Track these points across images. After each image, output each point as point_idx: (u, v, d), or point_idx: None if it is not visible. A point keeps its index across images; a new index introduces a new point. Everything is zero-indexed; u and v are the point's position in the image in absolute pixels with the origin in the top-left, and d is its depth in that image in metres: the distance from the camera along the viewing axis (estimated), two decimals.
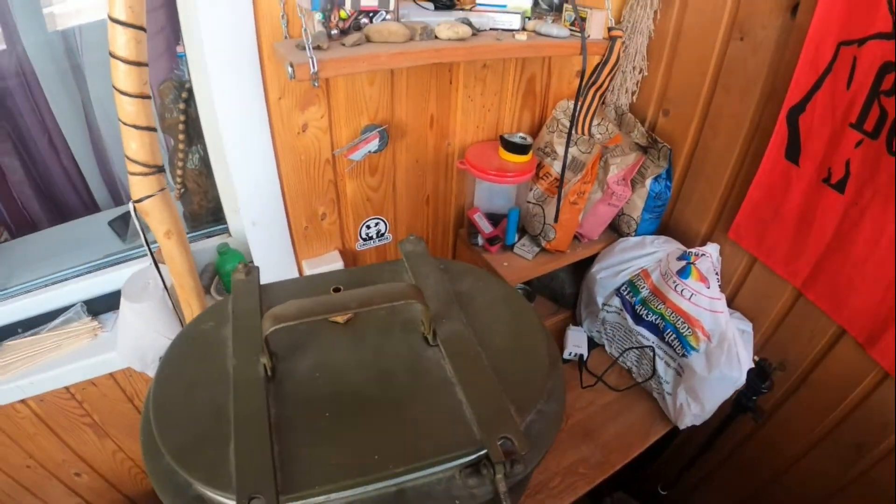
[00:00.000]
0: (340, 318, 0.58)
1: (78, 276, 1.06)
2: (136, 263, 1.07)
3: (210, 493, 0.46)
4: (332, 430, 0.49)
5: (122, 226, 1.17)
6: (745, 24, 0.89)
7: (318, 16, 0.74)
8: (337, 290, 0.60)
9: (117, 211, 1.21)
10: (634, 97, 1.06)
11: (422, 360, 0.55)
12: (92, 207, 1.36)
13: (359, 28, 0.76)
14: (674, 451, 1.18)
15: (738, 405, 0.80)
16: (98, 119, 1.25)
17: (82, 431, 1.12)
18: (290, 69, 0.66)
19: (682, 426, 0.99)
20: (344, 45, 0.72)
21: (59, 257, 1.12)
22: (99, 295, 1.06)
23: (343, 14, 0.75)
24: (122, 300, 0.93)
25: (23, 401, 1.03)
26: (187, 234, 0.90)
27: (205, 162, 1.07)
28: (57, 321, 1.04)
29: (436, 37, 0.76)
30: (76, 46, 1.23)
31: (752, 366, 0.86)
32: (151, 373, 1.01)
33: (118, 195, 1.35)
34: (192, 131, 1.03)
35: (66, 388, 1.04)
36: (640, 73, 1.03)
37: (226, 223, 1.05)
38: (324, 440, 0.48)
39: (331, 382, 0.53)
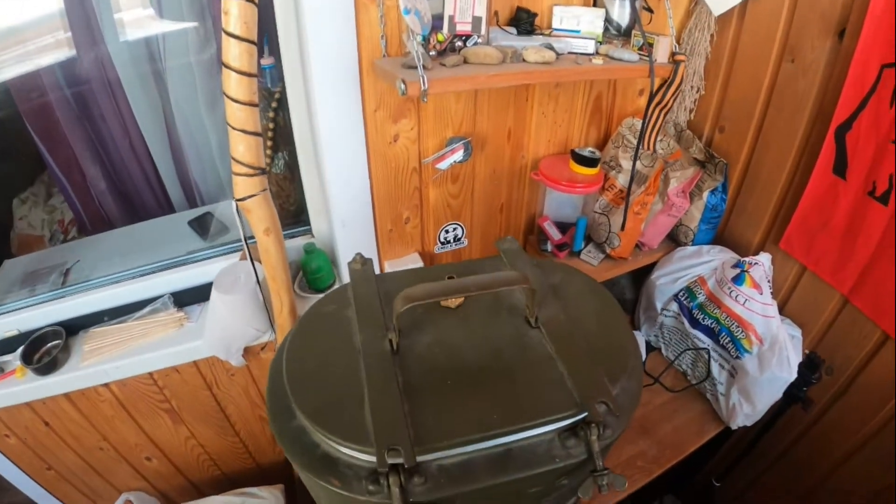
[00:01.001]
0: (452, 304, 0.72)
1: (165, 269, 1.22)
2: (219, 260, 1.23)
3: (345, 450, 0.57)
4: (453, 396, 0.62)
5: (202, 225, 1.33)
6: (795, 47, 1.04)
7: (418, 38, 0.90)
8: (451, 277, 0.74)
9: (196, 212, 1.37)
10: (692, 115, 1.21)
11: (525, 339, 0.69)
12: (167, 209, 1.52)
13: (454, 50, 0.92)
14: (726, 446, 1.30)
15: (788, 396, 0.91)
16: (177, 123, 1.42)
17: (159, 417, 1.26)
18: (402, 86, 0.81)
19: (734, 426, 1.12)
20: (444, 65, 0.87)
21: (143, 253, 1.28)
22: (185, 288, 1.21)
23: (440, 37, 0.91)
24: (214, 291, 1.08)
25: (106, 384, 1.18)
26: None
27: (289, 167, 1.22)
28: (144, 310, 1.20)
29: (523, 60, 0.91)
30: (158, 53, 1.40)
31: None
32: (235, 362, 1.16)
33: (192, 197, 1.51)
34: (280, 138, 1.19)
35: (150, 374, 1.18)
36: (697, 92, 1.18)
37: (309, 225, 1.20)
38: (446, 404, 0.61)
39: (448, 357, 0.66)
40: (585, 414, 0.61)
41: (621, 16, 1.03)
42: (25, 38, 1.40)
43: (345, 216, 1.05)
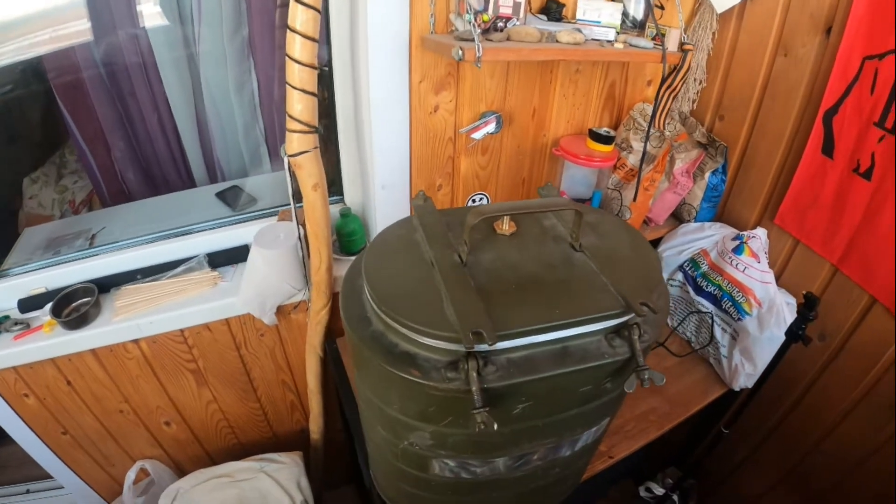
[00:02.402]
0: (507, 231, 0.86)
1: (200, 231, 1.32)
2: (253, 224, 1.33)
3: (428, 341, 0.70)
4: (518, 297, 0.75)
5: (230, 197, 1.43)
6: (788, 43, 1.22)
7: (466, 17, 1.05)
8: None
9: (221, 185, 1.48)
10: (695, 105, 1.40)
11: (572, 258, 0.82)
12: (188, 184, 1.63)
13: (496, 29, 1.07)
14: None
15: (789, 334, 1.06)
16: (206, 103, 1.54)
17: (183, 377, 1.34)
18: (460, 52, 0.95)
19: (736, 387, 1.26)
20: (491, 40, 1.03)
21: (173, 219, 1.38)
22: (219, 249, 1.31)
23: (486, 17, 1.06)
24: (254, 247, 1.18)
25: (136, 341, 1.26)
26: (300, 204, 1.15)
27: (322, 138, 1.35)
28: (179, 269, 1.29)
29: (556, 41, 1.07)
30: (193, 37, 1.53)
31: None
32: (268, 320, 1.25)
33: (214, 174, 1.62)
34: (321, 109, 1.32)
35: (181, 331, 1.27)
36: (700, 84, 1.36)
37: (342, 194, 1.32)
38: (514, 302, 0.74)
39: (508, 269, 0.79)
40: (632, 315, 0.74)
41: (636, 10, 1.21)
42: (66, 18, 1.51)
43: (385, 180, 1.18)
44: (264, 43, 1.44)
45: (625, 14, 1.22)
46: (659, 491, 1.53)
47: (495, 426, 0.67)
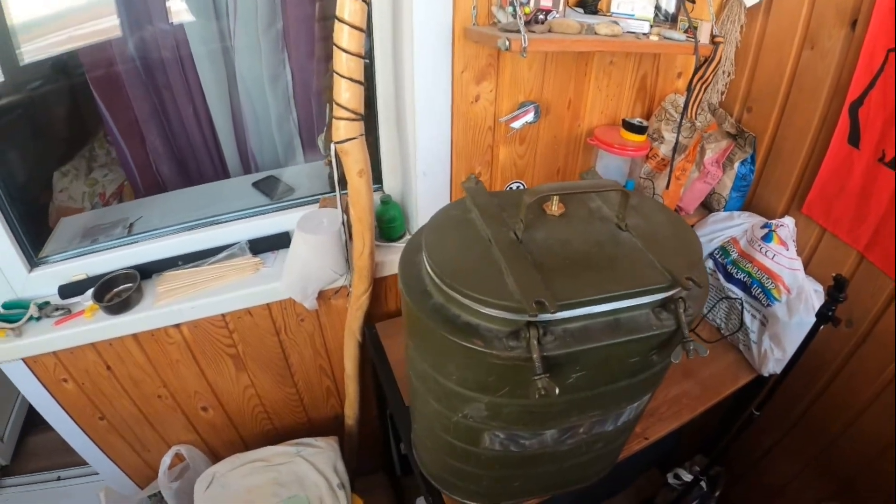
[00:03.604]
0: (556, 212, 0.91)
1: (241, 218, 1.37)
2: (294, 211, 1.38)
3: (492, 311, 0.74)
4: (572, 272, 0.80)
5: (267, 187, 1.49)
6: (814, 36, 1.26)
7: (509, 8, 1.11)
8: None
9: (256, 176, 1.53)
10: (723, 96, 1.45)
11: (619, 237, 0.87)
12: (222, 175, 1.68)
13: (537, 21, 1.13)
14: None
15: (820, 316, 1.11)
16: (241, 95, 1.59)
17: (222, 362, 1.39)
18: (506, 43, 1.01)
19: (765, 373, 1.31)
20: (533, 31, 1.08)
21: (210, 207, 1.42)
22: (260, 236, 1.36)
23: (527, 10, 1.12)
24: (297, 232, 1.23)
25: (177, 325, 1.31)
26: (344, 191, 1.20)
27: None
28: (221, 255, 1.33)
29: (595, 33, 1.13)
30: (228, 31, 1.59)
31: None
32: (309, 305, 1.30)
33: (248, 165, 1.67)
34: None
35: (223, 316, 1.32)
36: (728, 76, 1.42)
37: (380, 182, 1.37)
38: (568, 276, 0.79)
39: (561, 246, 0.84)
40: (678, 289, 0.79)
41: (668, 4, 1.27)
42: (102, 13, 1.57)
43: (427, 168, 1.23)
44: (298, 35, 1.50)
45: (657, 7, 1.27)
46: (687, 477, 1.57)
47: (556, 391, 0.72)
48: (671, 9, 1.27)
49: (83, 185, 1.87)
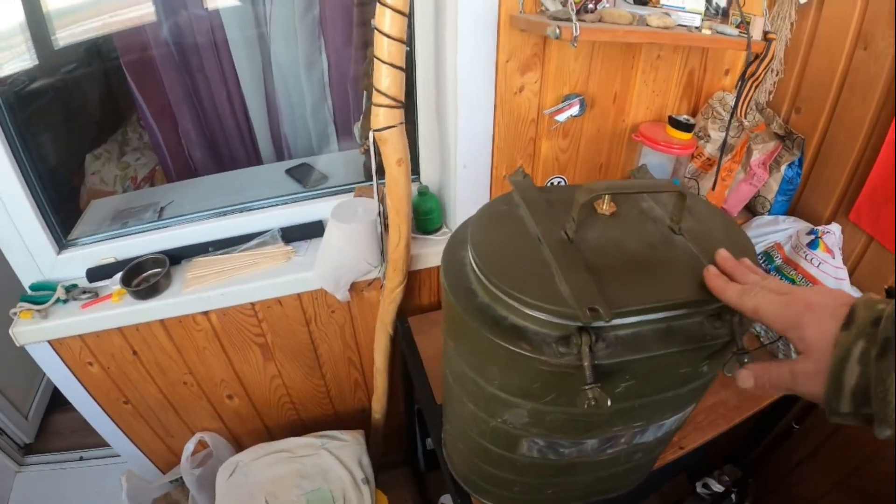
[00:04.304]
0: (608, 211, 0.85)
1: (274, 205, 1.32)
2: (328, 200, 1.33)
3: (541, 315, 0.69)
4: (625, 275, 0.74)
5: (301, 174, 1.44)
6: (868, 36, 1.19)
7: None
8: None
9: (290, 163, 1.49)
10: (771, 96, 1.37)
11: (673, 241, 0.81)
12: (254, 161, 1.64)
13: (587, 10, 1.06)
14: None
15: None
16: (276, 81, 1.55)
17: (250, 351, 1.35)
18: (557, 31, 0.95)
19: None
20: (584, 21, 1.02)
21: (242, 193, 1.38)
22: (293, 224, 1.32)
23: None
24: (331, 221, 1.18)
25: (205, 313, 1.27)
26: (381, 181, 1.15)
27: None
28: (252, 242, 1.29)
29: (647, 24, 1.06)
30: (264, 17, 1.54)
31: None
32: (341, 296, 1.26)
33: (281, 152, 1.64)
34: None
35: (252, 304, 1.28)
36: (777, 75, 1.34)
37: (418, 172, 1.32)
38: (622, 280, 0.73)
39: (612, 247, 0.79)
40: None
41: None
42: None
43: (467, 159, 1.18)
44: (336, 22, 1.45)
45: (708, 1, 1.20)
46: (718, 488, 1.51)
47: (609, 402, 0.66)
48: (722, 3, 1.20)
49: (115, 169, 1.84)
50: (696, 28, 1.14)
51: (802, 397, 0.54)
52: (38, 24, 1.60)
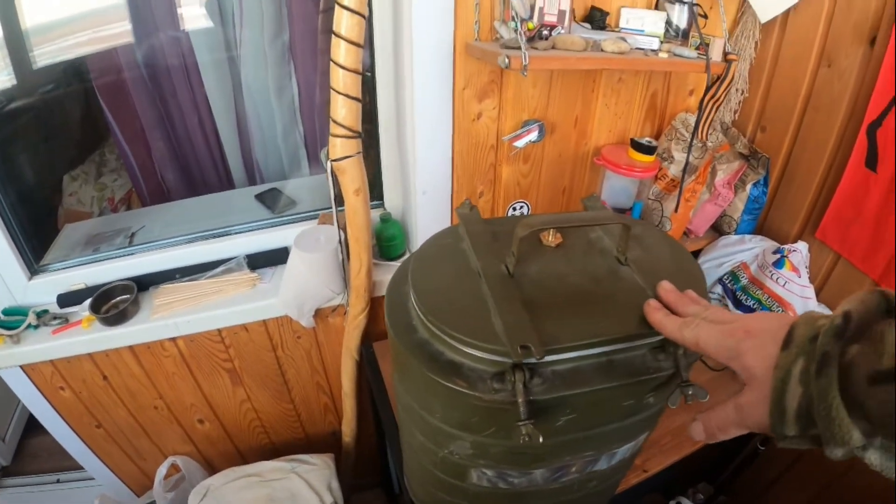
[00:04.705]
0: (553, 243, 0.86)
1: (239, 232, 1.34)
2: (292, 227, 1.35)
3: (475, 352, 0.69)
4: (565, 310, 0.75)
5: (270, 199, 1.46)
6: (831, 54, 1.20)
7: (511, 24, 1.06)
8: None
9: (261, 188, 1.51)
10: (736, 115, 1.38)
11: (618, 272, 0.82)
12: (227, 186, 1.66)
13: (541, 37, 1.08)
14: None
15: None
16: (246, 105, 1.57)
17: (219, 376, 1.37)
18: (506, 60, 0.96)
19: None
20: (536, 48, 1.03)
21: (212, 220, 1.40)
22: (258, 251, 1.33)
23: (531, 25, 1.07)
24: (294, 250, 1.20)
25: (173, 339, 1.28)
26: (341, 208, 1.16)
27: (364, 142, 1.36)
28: (218, 269, 1.31)
29: (601, 49, 1.07)
30: (234, 40, 1.56)
31: None
32: (305, 322, 1.27)
33: (253, 176, 1.65)
34: (363, 114, 1.34)
35: (219, 331, 1.29)
36: (741, 94, 1.35)
37: (382, 199, 1.34)
38: (561, 315, 0.74)
39: (555, 281, 0.79)
40: None
41: (680, 19, 1.21)
42: (109, 19, 1.55)
43: (426, 186, 1.19)
44: (305, 47, 1.46)
45: (668, 23, 1.21)
46: None
47: (541, 439, 0.67)
48: (683, 24, 1.21)
49: (92, 190, 1.86)
50: (654, 51, 1.15)
51: (754, 431, 0.52)
52: (16, 41, 1.62)
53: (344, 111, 1.04)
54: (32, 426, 2.17)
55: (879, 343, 0.38)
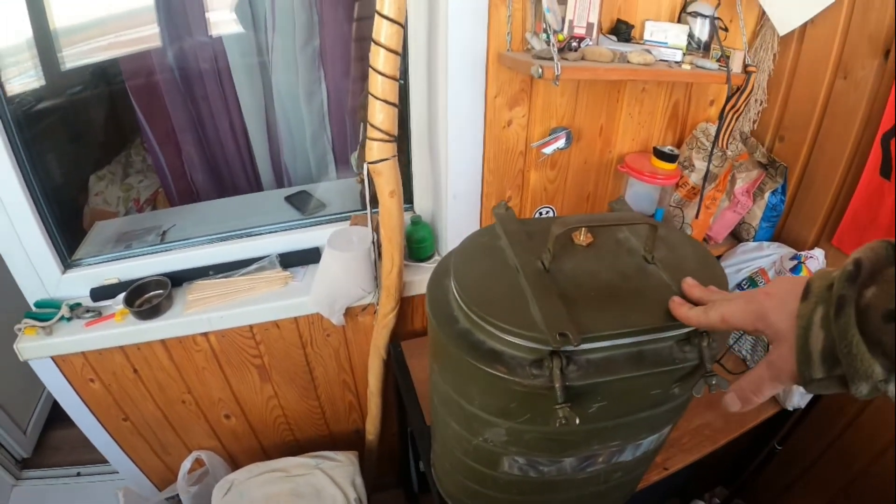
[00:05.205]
0: (584, 242, 0.93)
1: (272, 232, 1.42)
2: (324, 227, 1.42)
3: (515, 339, 0.77)
4: (598, 303, 0.82)
5: (300, 201, 1.53)
6: (847, 66, 1.27)
7: (543, 36, 1.14)
8: None
9: (289, 190, 1.59)
10: (755, 125, 1.46)
11: (646, 270, 0.89)
12: (255, 188, 1.74)
13: (570, 48, 1.16)
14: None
15: None
16: (276, 110, 1.65)
17: (248, 372, 1.43)
18: (539, 70, 1.04)
19: (790, 407, 1.31)
20: (566, 59, 1.11)
21: (242, 220, 1.47)
22: (290, 250, 1.40)
23: (561, 37, 1.15)
24: (327, 249, 1.26)
25: (205, 334, 1.35)
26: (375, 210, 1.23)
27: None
28: (251, 267, 1.37)
29: (628, 61, 1.15)
30: (266, 46, 1.64)
31: None
32: (336, 321, 1.34)
33: (281, 179, 1.73)
34: None
35: (250, 327, 1.36)
36: (760, 104, 1.43)
37: (412, 202, 1.41)
38: (594, 308, 0.80)
39: (587, 277, 0.86)
40: None
41: (702, 32, 1.29)
42: (138, 22, 1.64)
43: (457, 190, 1.27)
44: (335, 54, 1.55)
45: (690, 36, 1.29)
46: None
47: (577, 421, 0.74)
48: (704, 37, 1.29)
49: (118, 190, 1.95)
50: (677, 63, 1.23)
51: (786, 384, 0.55)
52: (45, 43, 1.70)
53: (381, 115, 1.11)
54: (54, 419, 2.24)
55: (891, 284, 0.42)
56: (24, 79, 1.72)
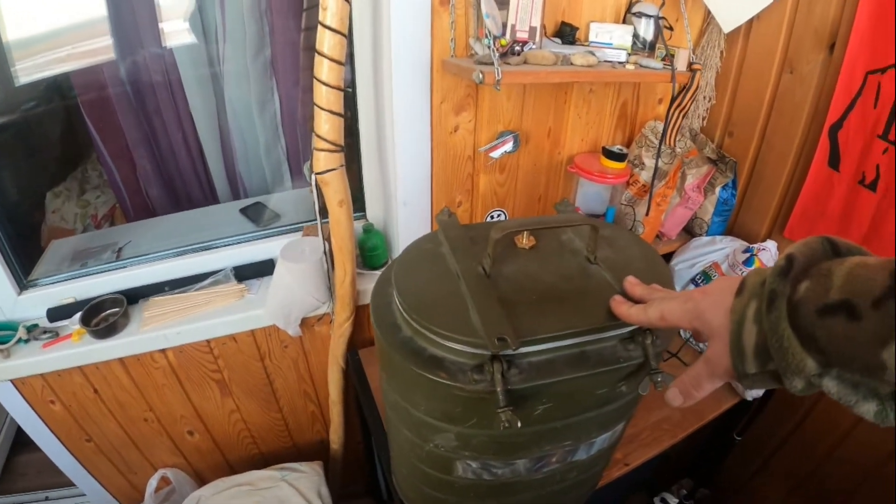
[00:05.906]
0: (526, 245, 0.95)
1: (226, 245, 1.41)
2: (277, 239, 1.42)
3: (455, 345, 0.78)
4: (538, 307, 0.83)
5: (254, 213, 1.53)
6: (793, 60, 1.31)
7: (485, 41, 1.15)
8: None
9: (245, 202, 1.58)
10: (704, 122, 1.49)
11: (588, 271, 0.91)
12: (211, 201, 1.73)
13: (514, 53, 1.17)
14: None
15: None
16: (229, 121, 1.65)
17: (208, 387, 1.43)
18: (480, 76, 1.05)
19: (748, 397, 1.33)
20: (509, 63, 1.12)
21: (198, 234, 1.47)
22: (245, 263, 1.40)
23: (503, 42, 1.16)
24: (280, 261, 1.27)
25: (163, 350, 1.34)
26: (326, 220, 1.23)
27: (346, 155, 1.45)
28: (206, 282, 1.37)
29: (571, 63, 1.17)
30: (217, 57, 1.64)
31: None
32: (292, 332, 1.34)
33: (237, 191, 1.72)
34: (345, 128, 1.42)
35: (207, 342, 1.35)
36: (709, 101, 1.46)
37: (364, 210, 1.42)
38: (535, 312, 0.82)
39: (529, 280, 0.88)
40: None
41: (647, 32, 1.31)
42: (91, 34, 1.63)
43: (407, 197, 1.28)
44: (286, 64, 1.55)
45: (635, 36, 1.31)
46: (673, 501, 1.60)
47: (519, 424, 0.75)
48: (649, 37, 1.31)
49: (75, 207, 1.92)
50: (622, 63, 1.25)
51: (723, 379, 0.56)
52: None
53: (327, 126, 1.12)
54: (20, 443, 2.20)
55: (826, 278, 0.42)
56: None
